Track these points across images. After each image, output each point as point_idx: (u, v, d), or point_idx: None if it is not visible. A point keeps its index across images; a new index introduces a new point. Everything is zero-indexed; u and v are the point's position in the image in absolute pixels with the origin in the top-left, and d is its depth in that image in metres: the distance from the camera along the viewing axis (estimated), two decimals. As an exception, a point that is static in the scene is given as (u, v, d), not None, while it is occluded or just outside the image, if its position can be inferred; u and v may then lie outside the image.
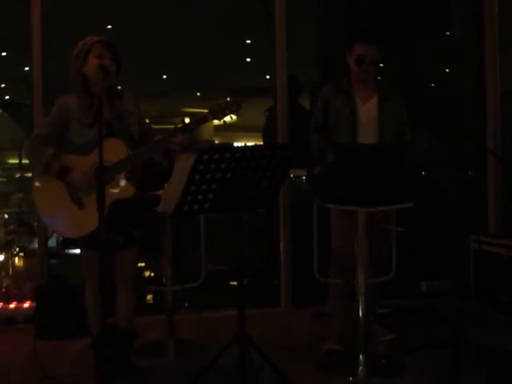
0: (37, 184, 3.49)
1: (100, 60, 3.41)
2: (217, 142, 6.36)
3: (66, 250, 5.24)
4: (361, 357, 3.67)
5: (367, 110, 4.02)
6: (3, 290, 4.95)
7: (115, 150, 3.33)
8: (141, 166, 3.51)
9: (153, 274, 5.49)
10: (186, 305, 5.34)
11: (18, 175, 6.15)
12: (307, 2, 5.77)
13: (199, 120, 3.39)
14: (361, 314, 3.69)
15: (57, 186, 3.42)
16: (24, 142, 3.60)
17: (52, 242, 5.29)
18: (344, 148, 3.77)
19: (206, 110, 3.39)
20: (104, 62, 3.41)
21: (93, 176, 3.32)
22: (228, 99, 3.40)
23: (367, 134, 3.97)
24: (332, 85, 4.13)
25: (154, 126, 3.84)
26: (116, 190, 3.36)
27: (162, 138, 3.41)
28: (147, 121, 3.82)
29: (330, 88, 4.12)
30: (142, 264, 5.49)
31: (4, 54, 5.74)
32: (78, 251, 3.69)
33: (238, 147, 3.61)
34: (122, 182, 3.38)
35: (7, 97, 6.40)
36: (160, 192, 3.88)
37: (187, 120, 3.42)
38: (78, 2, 5.30)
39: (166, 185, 3.55)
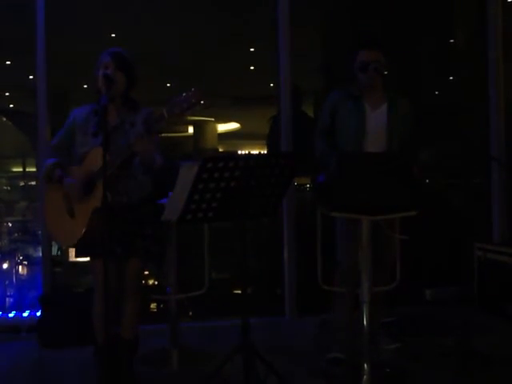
0: (46, 193, 3.61)
1: (104, 70, 3.42)
2: (221, 149, 6.35)
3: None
4: (365, 365, 3.64)
5: (376, 117, 3.97)
6: (7, 298, 4.94)
7: (99, 160, 3.18)
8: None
9: (157, 283, 5.49)
10: (190, 313, 5.33)
11: (21, 183, 6.15)
12: (311, 9, 5.77)
13: (157, 119, 3.22)
14: (365, 322, 3.67)
15: (58, 196, 3.48)
16: (28, 151, 3.66)
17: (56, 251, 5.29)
18: (348, 156, 3.75)
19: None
20: (107, 71, 3.41)
21: (81, 185, 3.37)
22: (186, 92, 3.14)
23: (375, 141, 3.93)
24: (341, 90, 4.07)
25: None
26: (96, 199, 3.27)
27: (126, 144, 3.31)
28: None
29: (338, 93, 4.05)
30: (146, 272, 5.49)
31: (8, 62, 5.75)
32: (82, 259, 3.70)
33: (241, 155, 3.55)
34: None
35: (11, 105, 6.41)
36: (164, 201, 3.89)
37: (191, 129, 3.38)
38: (82, 10, 5.31)
39: (171, 193, 3.56)
